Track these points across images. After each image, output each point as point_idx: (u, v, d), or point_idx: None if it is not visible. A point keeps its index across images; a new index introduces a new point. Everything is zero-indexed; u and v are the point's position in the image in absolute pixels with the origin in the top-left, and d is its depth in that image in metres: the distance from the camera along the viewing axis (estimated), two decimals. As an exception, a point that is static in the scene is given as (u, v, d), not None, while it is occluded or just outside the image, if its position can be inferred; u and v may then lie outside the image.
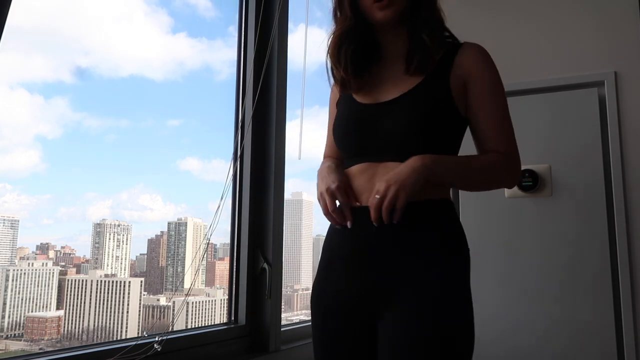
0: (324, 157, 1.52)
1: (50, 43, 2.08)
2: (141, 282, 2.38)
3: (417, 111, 1.24)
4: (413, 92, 1.26)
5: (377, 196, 1.17)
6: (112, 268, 2.30)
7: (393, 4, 1.26)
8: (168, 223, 2.55)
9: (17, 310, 1.94)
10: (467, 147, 1.35)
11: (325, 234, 1.41)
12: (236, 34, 2.38)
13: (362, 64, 1.34)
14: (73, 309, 2.13)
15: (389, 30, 1.33)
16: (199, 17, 2.66)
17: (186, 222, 2.50)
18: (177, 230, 2.50)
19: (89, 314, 2.15)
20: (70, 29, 2.13)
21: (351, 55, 1.32)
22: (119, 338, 2.08)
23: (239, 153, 2.24)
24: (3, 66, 1.78)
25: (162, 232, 2.56)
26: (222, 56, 2.60)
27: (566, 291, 2.46)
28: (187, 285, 2.17)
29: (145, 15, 2.42)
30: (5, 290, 1.94)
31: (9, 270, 1.99)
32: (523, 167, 2.58)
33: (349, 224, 1.25)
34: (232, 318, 2.20)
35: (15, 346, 1.88)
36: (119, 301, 2.20)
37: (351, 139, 1.32)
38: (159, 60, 2.48)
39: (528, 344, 2.49)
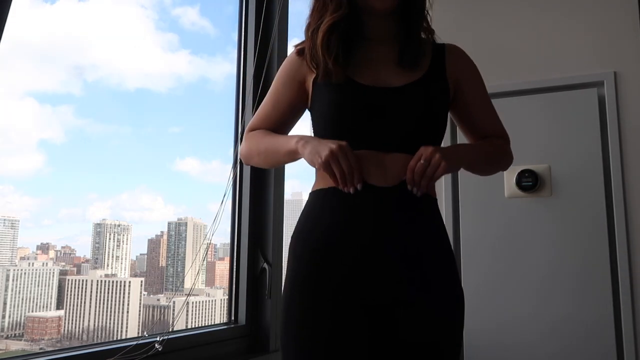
0: (252, 129, 1.42)
1: (59, 57, 2.16)
2: (141, 282, 2.38)
3: (429, 101, 1.26)
4: (422, 83, 1.26)
5: (422, 161, 1.17)
6: (112, 268, 2.30)
7: None
8: (168, 223, 2.56)
9: (17, 310, 1.94)
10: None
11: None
12: (236, 38, 2.42)
13: (349, 50, 1.29)
14: (73, 309, 2.13)
15: (375, 14, 1.30)
16: (201, 30, 2.77)
17: (186, 223, 2.50)
18: (177, 231, 2.50)
19: (89, 314, 2.14)
20: (78, 44, 2.22)
21: (342, 43, 1.27)
22: (119, 338, 2.08)
23: (239, 154, 2.25)
24: (14, 76, 1.84)
25: (162, 232, 2.57)
26: (222, 68, 2.70)
27: (565, 291, 2.46)
28: (187, 285, 2.17)
29: (150, 34, 2.50)
30: (6, 290, 1.94)
31: (9, 270, 1.99)
32: (523, 167, 2.60)
33: (359, 187, 1.19)
34: (232, 318, 2.21)
35: (16, 346, 1.88)
36: (119, 301, 2.20)
37: (360, 122, 1.24)
38: (162, 74, 2.58)
39: (527, 343, 2.49)
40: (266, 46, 2.34)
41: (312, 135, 1.33)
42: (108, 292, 2.21)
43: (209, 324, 2.26)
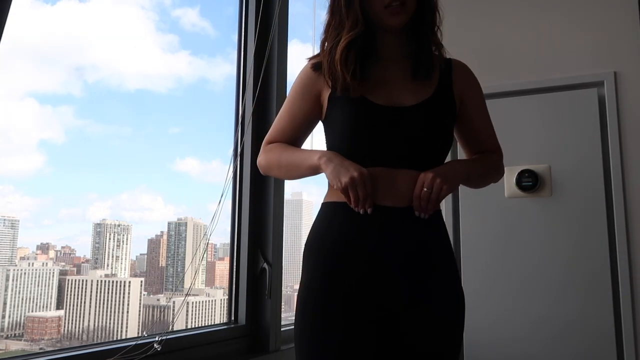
0: (269, 142, 1.45)
1: (60, 57, 2.20)
2: (141, 282, 2.38)
3: (439, 120, 1.32)
4: (432, 101, 1.32)
5: (425, 189, 1.23)
6: (112, 268, 2.30)
7: (405, 10, 1.30)
8: (168, 223, 2.56)
9: (17, 310, 1.94)
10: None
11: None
12: (236, 39, 2.44)
13: (364, 67, 1.34)
14: (73, 309, 2.13)
15: (388, 31, 1.36)
16: (201, 31, 2.81)
17: (186, 222, 2.50)
18: (177, 231, 2.50)
19: (89, 314, 2.15)
20: (79, 45, 2.25)
21: (360, 60, 1.32)
22: (119, 338, 2.08)
23: (239, 150, 2.25)
24: (15, 77, 1.88)
25: (162, 232, 2.57)
26: (222, 69, 2.76)
27: (566, 291, 2.46)
28: (187, 285, 2.17)
29: (150, 35, 2.54)
30: (5, 290, 1.95)
31: (9, 270, 1.99)
32: (523, 167, 2.60)
33: (369, 211, 1.26)
34: (232, 318, 2.21)
35: (16, 346, 1.88)
36: (119, 301, 2.20)
37: (373, 141, 1.29)
38: (162, 75, 2.62)
39: (528, 343, 2.49)
40: (266, 47, 2.35)
41: (325, 147, 1.39)
42: (108, 292, 2.21)
43: (209, 324, 2.26)
